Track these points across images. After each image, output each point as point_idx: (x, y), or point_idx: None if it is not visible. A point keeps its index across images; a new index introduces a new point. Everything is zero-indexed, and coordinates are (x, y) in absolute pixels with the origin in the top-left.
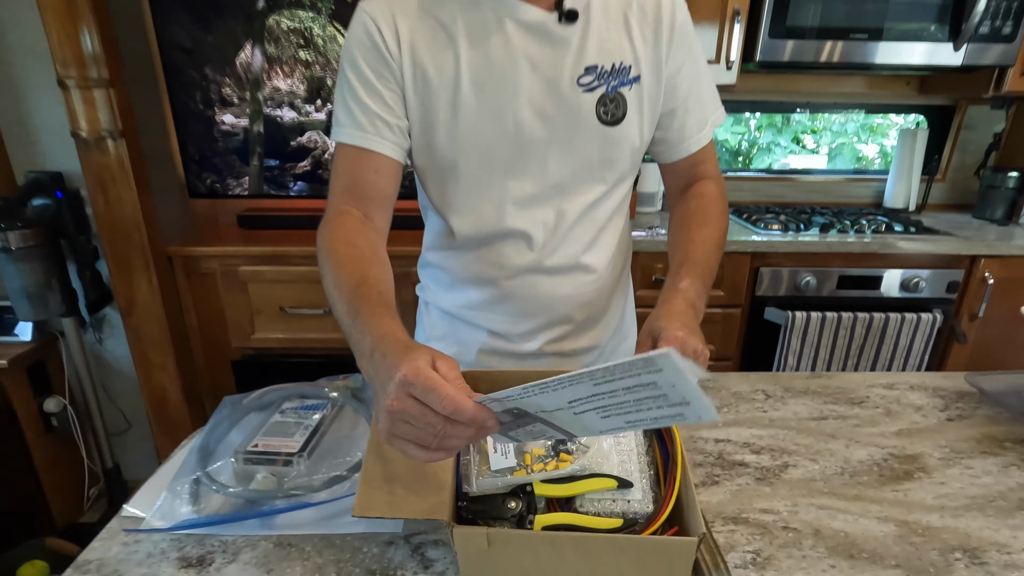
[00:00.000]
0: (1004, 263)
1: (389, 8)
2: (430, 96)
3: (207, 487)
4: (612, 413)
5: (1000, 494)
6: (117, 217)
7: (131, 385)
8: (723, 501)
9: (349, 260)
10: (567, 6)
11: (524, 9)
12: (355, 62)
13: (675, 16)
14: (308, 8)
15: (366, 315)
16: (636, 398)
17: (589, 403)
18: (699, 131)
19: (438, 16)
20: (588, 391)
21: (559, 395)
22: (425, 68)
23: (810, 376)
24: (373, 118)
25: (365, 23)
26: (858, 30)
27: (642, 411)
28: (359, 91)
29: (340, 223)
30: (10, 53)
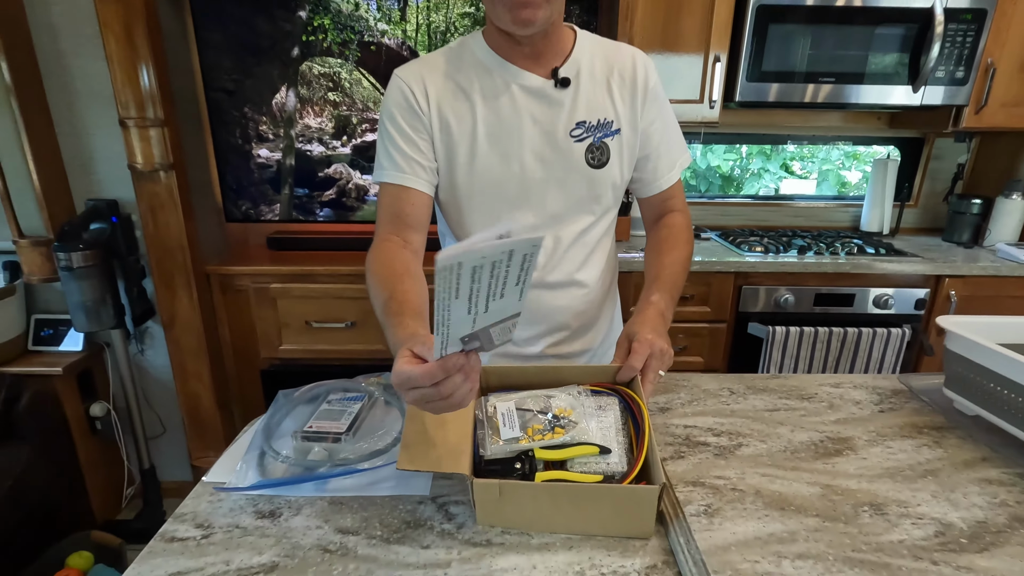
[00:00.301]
0: (966, 282)
1: (420, 74)
2: (452, 144)
3: (272, 459)
4: (503, 289)
5: (909, 466)
6: (164, 239)
7: (168, 392)
8: (686, 470)
9: (384, 279)
10: (561, 75)
11: (527, 77)
12: (393, 117)
13: (648, 81)
14: (337, 56)
15: (392, 325)
16: (497, 273)
17: (479, 300)
18: (668, 172)
19: (458, 81)
20: (465, 298)
21: (460, 304)
22: (448, 121)
23: (770, 377)
24: (410, 161)
25: (400, 87)
26: (826, 74)
27: (511, 272)
28: (398, 140)
29: (383, 248)
30: (76, 97)
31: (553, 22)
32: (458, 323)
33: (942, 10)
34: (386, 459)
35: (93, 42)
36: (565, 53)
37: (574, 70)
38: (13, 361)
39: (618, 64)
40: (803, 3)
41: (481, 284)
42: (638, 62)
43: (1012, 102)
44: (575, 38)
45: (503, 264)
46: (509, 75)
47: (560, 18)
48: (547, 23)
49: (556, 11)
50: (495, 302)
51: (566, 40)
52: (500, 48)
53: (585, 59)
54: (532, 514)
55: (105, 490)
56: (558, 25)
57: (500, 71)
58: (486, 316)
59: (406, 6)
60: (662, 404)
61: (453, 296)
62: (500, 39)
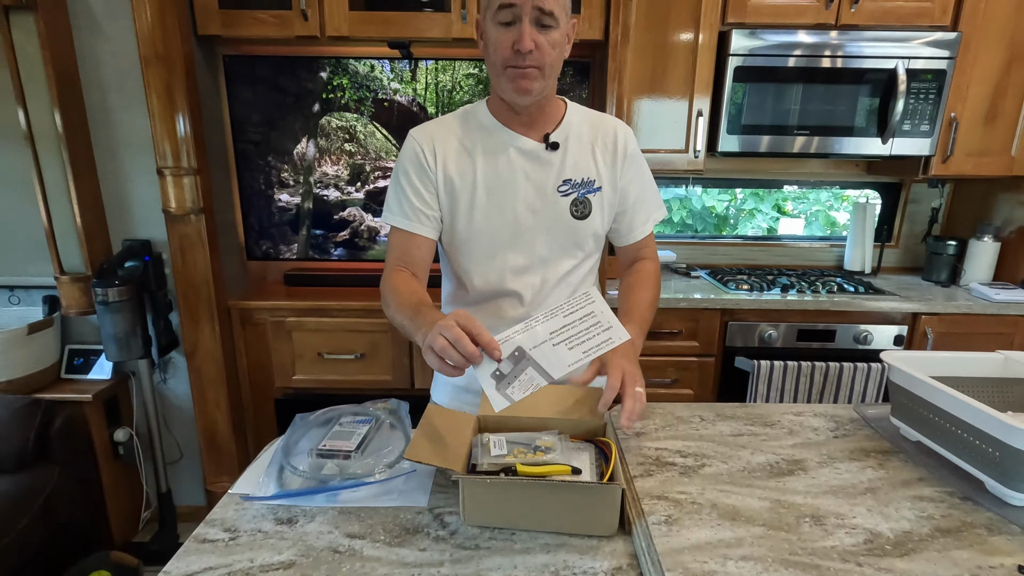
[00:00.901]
0: (942, 320)
1: (430, 136)
2: (455, 196)
3: (290, 473)
4: (574, 343)
5: (852, 485)
6: (192, 276)
7: (187, 419)
8: (653, 486)
9: (405, 294)
10: (552, 139)
11: (522, 140)
12: (406, 171)
13: (627, 147)
14: (353, 111)
15: (422, 316)
16: (585, 326)
17: (560, 335)
18: (642, 226)
19: (463, 142)
20: (560, 323)
21: (544, 327)
22: (451, 177)
23: (739, 405)
24: (416, 211)
25: (413, 146)
26: (801, 127)
27: (591, 338)
28: (408, 191)
29: (396, 276)
30: (119, 147)
31: (547, 95)
32: (538, 334)
33: (904, 71)
34: (390, 474)
35: (137, 99)
36: (556, 121)
37: (563, 136)
38: (47, 388)
39: (602, 132)
40: (777, 64)
41: (580, 325)
42: (619, 131)
43: (976, 152)
44: (566, 109)
45: (597, 332)
46: (507, 138)
47: (553, 92)
48: (541, 94)
49: (550, 85)
50: (565, 350)
51: (558, 110)
52: (501, 115)
53: (573, 127)
54: (511, 510)
55: (124, 512)
56: (551, 97)
57: (500, 134)
58: (548, 352)
59: (416, 68)
60: (637, 429)
61: (567, 312)
62: (501, 107)
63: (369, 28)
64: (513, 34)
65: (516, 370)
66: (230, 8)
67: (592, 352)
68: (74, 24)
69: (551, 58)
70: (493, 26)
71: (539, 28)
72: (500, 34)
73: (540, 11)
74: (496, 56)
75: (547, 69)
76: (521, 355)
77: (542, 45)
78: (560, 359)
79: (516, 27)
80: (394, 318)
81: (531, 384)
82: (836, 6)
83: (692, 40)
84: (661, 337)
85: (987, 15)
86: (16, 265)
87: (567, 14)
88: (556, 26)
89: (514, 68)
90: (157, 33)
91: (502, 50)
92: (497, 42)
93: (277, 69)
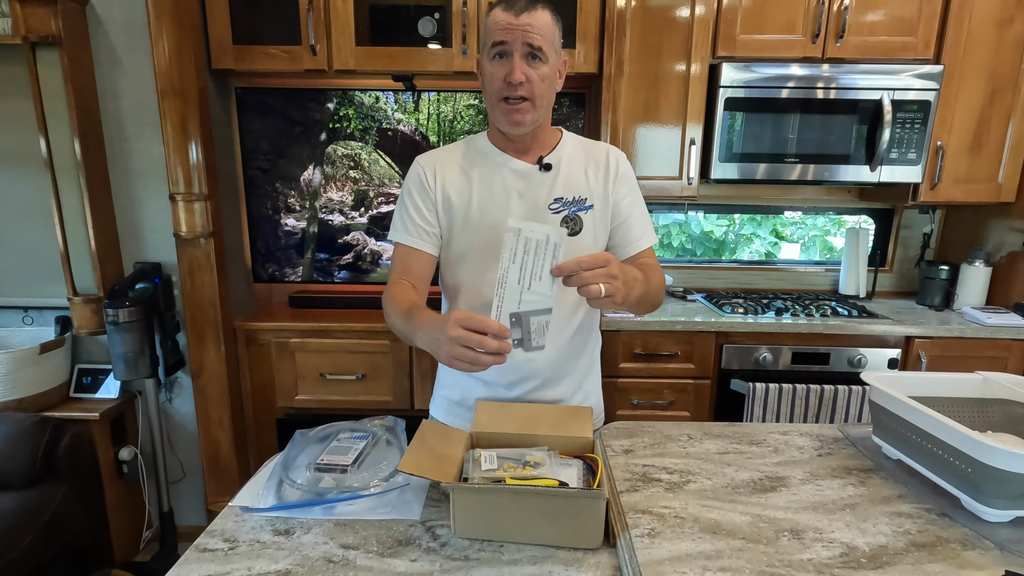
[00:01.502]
0: (935, 343)
1: (433, 161)
2: (452, 213)
3: (289, 486)
4: (540, 271)
5: (832, 501)
6: (199, 298)
7: (190, 439)
8: (638, 501)
9: (402, 300)
10: (545, 161)
11: (517, 163)
12: (410, 192)
13: (619, 168)
14: (358, 139)
15: (416, 317)
16: (532, 254)
17: (525, 277)
18: (639, 239)
19: (463, 166)
20: (516, 270)
21: (512, 283)
22: (449, 195)
23: (726, 425)
24: (418, 228)
25: (418, 170)
26: (791, 156)
27: (544, 257)
28: (411, 210)
29: (395, 287)
30: (133, 174)
31: (540, 124)
32: (512, 291)
33: (889, 101)
34: (385, 487)
35: (153, 129)
36: (551, 146)
37: (557, 159)
38: (56, 406)
39: (594, 155)
40: (768, 96)
41: (528, 257)
42: (611, 154)
43: (963, 179)
44: (561, 137)
45: (543, 246)
46: (503, 161)
47: (547, 122)
48: (534, 124)
49: (542, 116)
50: (536, 282)
51: (553, 138)
52: (498, 142)
53: (567, 151)
54: (499, 521)
55: (125, 531)
56: (545, 127)
57: (496, 158)
58: (529, 295)
59: (419, 99)
60: (626, 447)
61: (511, 259)
62: (498, 136)
63: (375, 62)
64: (505, 68)
65: (525, 328)
66: (243, 44)
67: (555, 262)
68: (96, 59)
69: (541, 90)
70: (488, 61)
71: (529, 62)
72: (494, 68)
73: (530, 47)
74: (491, 88)
75: (537, 100)
76: (517, 317)
77: (532, 78)
78: (542, 292)
79: (508, 61)
80: (394, 325)
81: (543, 327)
82: (822, 40)
83: (684, 72)
84: (657, 359)
85: (968, 49)
86: (31, 286)
87: (556, 51)
88: (545, 61)
89: (506, 103)
90: (174, 67)
91: (496, 82)
92: (491, 75)
93: (286, 100)
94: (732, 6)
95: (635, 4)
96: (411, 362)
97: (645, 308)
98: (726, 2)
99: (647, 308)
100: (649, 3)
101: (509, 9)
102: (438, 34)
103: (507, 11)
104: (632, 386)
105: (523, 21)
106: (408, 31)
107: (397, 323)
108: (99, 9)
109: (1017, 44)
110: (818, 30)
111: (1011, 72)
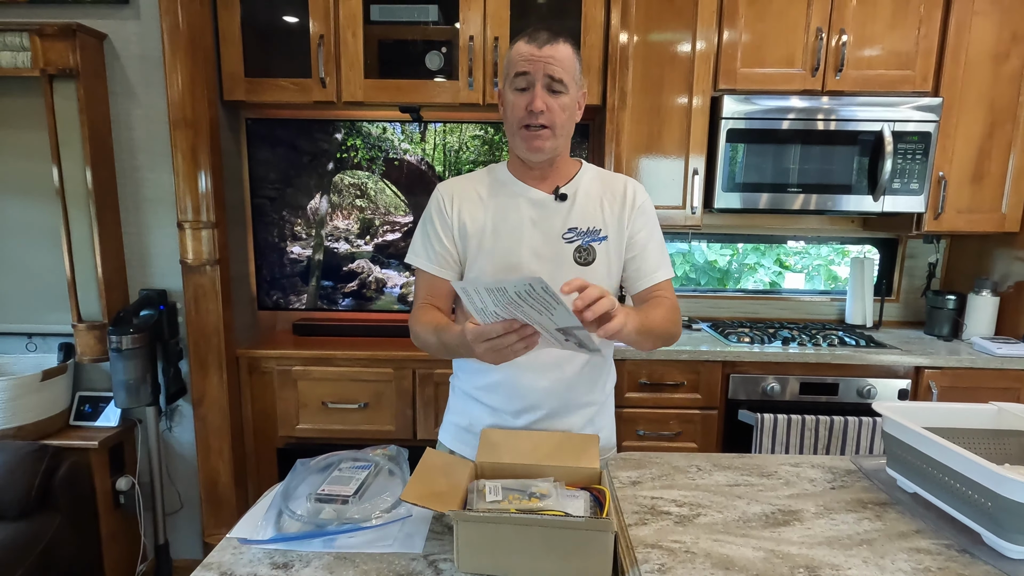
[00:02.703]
0: (945, 374)
1: (451, 187)
2: (467, 239)
3: (288, 517)
4: (543, 310)
5: (848, 536)
6: (204, 325)
7: (189, 468)
8: (647, 535)
9: (428, 321)
10: (561, 191)
11: (533, 192)
12: (431, 218)
13: (635, 200)
14: (365, 169)
15: (444, 332)
16: (540, 307)
17: (535, 315)
18: (655, 271)
19: (480, 193)
20: (528, 314)
21: (537, 322)
22: (465, 222)
23: (736, 456)
24: (438, 256)
25: (438, 196)
26: (794, 186)
27: (552, 314)
28: (431, 237)
29: (423, 310)
30: (143, 202)
31: (560, 154)
32: (546, 330)
33: (890, 133)
34: (387, 519)
35: (164, 159)
36: (569, 177)
37: (573, 189)
38: (55, 434)
39: (612, 187)
40: (769, 127)
41: (520, 307)
42: (629, 186)
43: (966, 209)
44: (580, 167)
45: (533, 292)
46: (519, 190)
47: (566, 151)
48: (554, 152)
49: (562, 144)
50: (550, 316)
51: (571, 168)
52: (517, 171)
53: (584, 182)
54: (504, 554)
55: (120, 564)
56: (564, 156)
57: (513, 186)
58: (557, 323)
59: (426, 130)
60: (634, 478)
61: (519, 311)
62: (518, 165)
63: (383, 94)
64: (527, 97)
65: (574, 339)
66: (255, 76)
67: (551, 296)
68: (111, 90)
69: (561, 119)
70: (511, 91)
71: (550, 93)
72: (516, 98)
73: (551, 78)
74: (513, 117)
75: (558, 129)
76: (563, 331)
77: (552, 107)
78: (565, 318)
79: (530, 91)
80: (426, 342)
81: (587, 335)
82: (821, 74)
83: (686, 105)
84: (663, 389)
85: (966, 82)
86: (36, 313)
87: (576, 83)
88: (565, 91)
89: (527, 130)
90: (187, 99)
91: (518, 111)
92: (514, 105)
93: (295, 131)
94: (732, 41)
95: (637, 40)
96: (414, 391)
97: (651, 340)
98: (726, 37)
99: (653, 340)
100: (651, 39)
101: (532, 42)
102: (445, 67)
103: (530, 43)
104: (638, 416)
105: (545, 53)
106: (416, 64)
107: (428, 339)
108: (116, 43)
109: (1014, 78)
110: (817, 64)
111: (1009, 105)
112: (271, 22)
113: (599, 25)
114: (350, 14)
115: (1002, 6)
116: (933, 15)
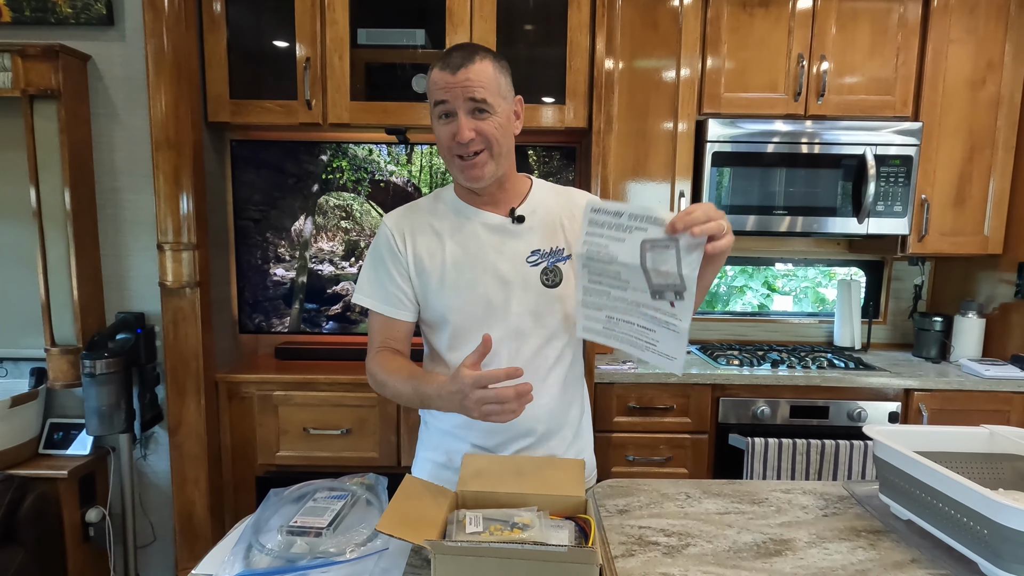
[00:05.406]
0: (934, 396)
1: (399, 221)
2: (425, 275)
3: (258, 551)
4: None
5: (842, 567)
6: (182, 349)
7: (164, 499)
8: (634, 567)
9: (397, 368)
10: (517, 213)
11: (488, 216)
12: (381, 257)
13: None
14: (351, 191)
15: (424, 382)
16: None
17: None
18: None
19: (432, 224)
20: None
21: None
22: (421, 257)
23: (726, 482)
24: (392, 297)
25: (386, 233)
26: (779, 208)
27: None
28: (383, 277)
29: (383, 355)
30: (122, 224)
31: (506, 174)
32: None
33: (873, 156)
34: (362, 552)
35: (145, 180)
36: (522, 196)
37: (529, 209)
38: (24, 463)
39: (570, 202)
40: (754, 150)
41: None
42: (585, 200)
43: (950, 232)
44: (531, 185)
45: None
46: (473, 215)
47: (512, 171)
48: (495, 177)
49: (503, 166)
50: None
51: (522, 187)
52: (465, 196)
53: (538, 200)
54: None
55: None
56: (511, 176)
57: (466, 212)
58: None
59: (412, 151)
60: (621, 507)
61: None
62: (464, 189)
63: (369, 116)
64: (452, 127)
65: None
66: (240, 98)
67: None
68: (94, 112)
69: (495, 138)
70: (436, 121)
71: (476, 116)
72: (441, 128)
73: (473, 101)
74: (442, 148)
75: (494, 150)
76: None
77: (483, 130)
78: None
79: (454, 120)
80: (396, 392)
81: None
82: (804, 99)
83: (671, 129)
84: (652, 413)
85: (945, 107)
86: (8, 337)
87: (504, 98)
88: (493, 112)
89: (460, 159)
90: (170, 120)
91: (445, 141)
92: (440, 135)
93: (280, 152)
94: (716, 67)
95: (623, 66)
96: (399, 416)
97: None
98: (710, 64)
99: None
100: (636, 65)
101: (445, 68)
102: None
103: (443, 70)
104: (627, 441)
105: (460, 78)
106: (402, 87)
107: (400, 389)
108: (100, 64)
109: (991, 104)
110: (799, 89)
111: (987, 130)
112: (257, 45)
113: (584, 51)
114: (337, 38)
115: (977, 35)
116: (911, 43)
